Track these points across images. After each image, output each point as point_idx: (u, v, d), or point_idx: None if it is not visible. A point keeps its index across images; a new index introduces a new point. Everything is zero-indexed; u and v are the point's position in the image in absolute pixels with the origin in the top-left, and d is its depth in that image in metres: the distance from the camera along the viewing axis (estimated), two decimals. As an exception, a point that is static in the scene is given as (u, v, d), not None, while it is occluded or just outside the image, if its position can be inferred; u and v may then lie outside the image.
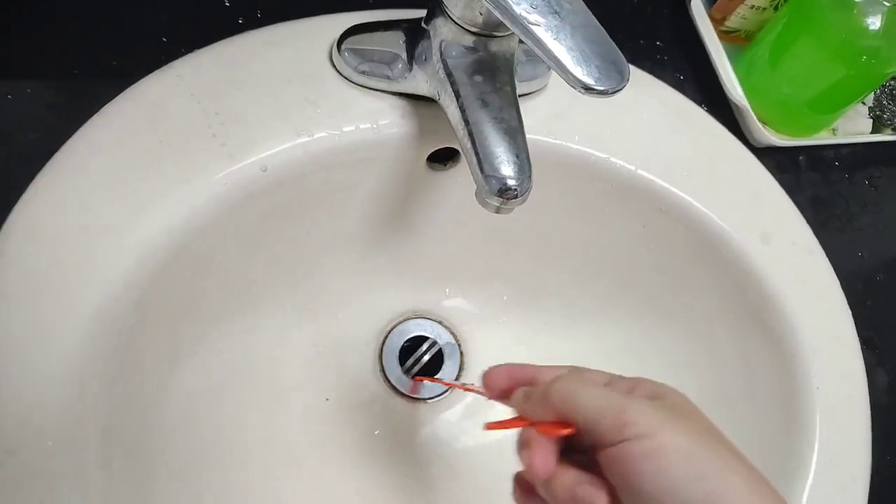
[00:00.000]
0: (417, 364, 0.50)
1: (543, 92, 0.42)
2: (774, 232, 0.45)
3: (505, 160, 0.33)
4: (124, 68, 0.37)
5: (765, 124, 0.48)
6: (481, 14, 0.33)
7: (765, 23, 0.50)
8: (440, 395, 0.50)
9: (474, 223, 0.47)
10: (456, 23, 0.34)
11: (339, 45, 0.38)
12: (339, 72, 0.39)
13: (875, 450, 0.43)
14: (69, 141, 0.35)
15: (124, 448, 0.35)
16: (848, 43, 0.44)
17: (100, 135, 0.35)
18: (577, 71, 0.28)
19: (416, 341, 0.51)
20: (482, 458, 0.49)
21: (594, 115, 0.43)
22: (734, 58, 0.50)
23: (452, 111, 0.35)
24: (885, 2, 0.42)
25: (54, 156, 0.34)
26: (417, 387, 0.50)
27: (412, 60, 0.37)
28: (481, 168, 0.33)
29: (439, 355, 0.51)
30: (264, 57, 0.39)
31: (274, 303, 0.47)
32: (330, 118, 0.38)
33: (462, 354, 0.52)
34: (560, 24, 0.28)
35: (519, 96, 0.36)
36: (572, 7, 0.29)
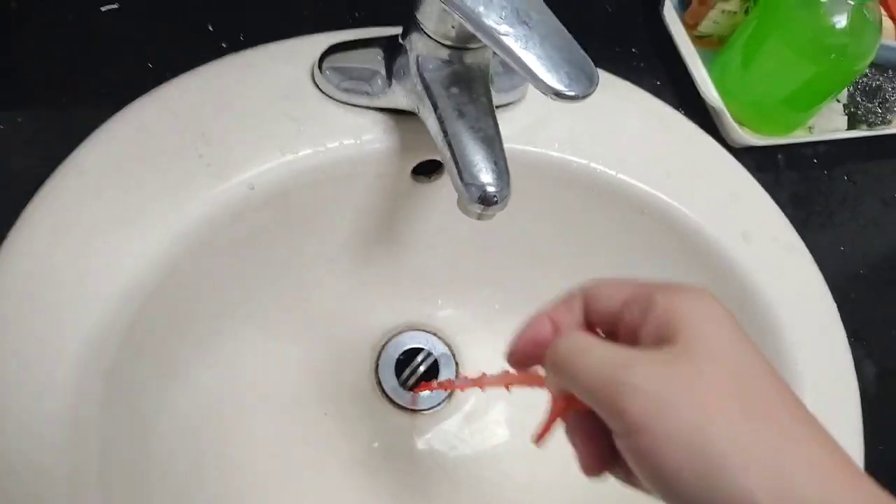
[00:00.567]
0: (413, 376, 0.51)
1: (522, 102, 0.43)
2: (755, 230, 0.45)
3: (483, 168, 0.34)
4: (112, 94, 0.38)
5: (741, 125, 0.49)
6: (454, 27, 0.34)
7: (736, 27, 0.51)
8: (438, 406, 0.51)
9: (462, 233, 0.48)
10: (430, 37, 0.35)
11: (321, 64, 0.39)
12: (322, 90, 0.40)
13: (865, 441, 0.43)
14: (59, 167, 0.36)
15: (122, 470, 0.36)
16: (816, 41, 0.45)
17: (90, 160, 0.36)
18: (548, 78, 0.29)
19: (411, 353, 0.51)
20: (482, 468, 0.49)
21: (572, 123, 0.44)
22: (708, 61, 0.51)
23: (431, 123, 0.36)
24: (850, 0, 0.44)
25: (45, 182, 0.35)
26: (415, 398, 0.50)
27: (391, 76, 0.38)
28: (461, 177, 0.34)
29: (435, 366, 0.51)
30: (248, 79, 0.40)
31: (267, 321, 0.47)
32: (314, 135, 0.39)
33: (457, 364, 0.52)
34: (529, 34, 0.29)
35: (497, 107, 0.37)
36: (540, 17, 0.30)
